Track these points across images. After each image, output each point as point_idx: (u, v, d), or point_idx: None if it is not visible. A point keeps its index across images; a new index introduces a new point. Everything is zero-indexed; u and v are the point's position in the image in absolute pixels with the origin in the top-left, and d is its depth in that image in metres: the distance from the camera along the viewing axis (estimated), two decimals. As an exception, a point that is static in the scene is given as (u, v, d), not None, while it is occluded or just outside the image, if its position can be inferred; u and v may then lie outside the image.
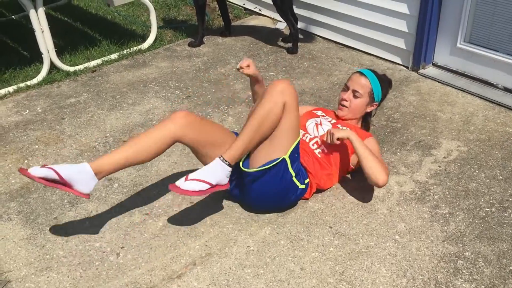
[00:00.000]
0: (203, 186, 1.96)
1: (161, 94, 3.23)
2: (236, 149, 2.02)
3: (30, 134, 2.85)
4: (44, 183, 1.89)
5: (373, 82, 2.38)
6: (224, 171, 2.02)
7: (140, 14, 4.62)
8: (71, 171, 1.93)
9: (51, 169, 1.90)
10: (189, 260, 2.00)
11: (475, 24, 3.05)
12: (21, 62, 3.64)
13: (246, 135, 2.03)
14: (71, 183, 1.93)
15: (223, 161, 2.01)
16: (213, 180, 1.99)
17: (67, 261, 2.01)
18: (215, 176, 1.99)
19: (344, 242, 2.06)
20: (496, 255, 1.97)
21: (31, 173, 1.88)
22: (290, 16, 3.61)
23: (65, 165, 1.95)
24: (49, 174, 1.89)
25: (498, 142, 2.63)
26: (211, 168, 2.01)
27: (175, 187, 1.95)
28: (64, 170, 1.92)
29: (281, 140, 2.09)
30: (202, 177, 1.97)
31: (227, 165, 2.01)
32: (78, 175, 1.93)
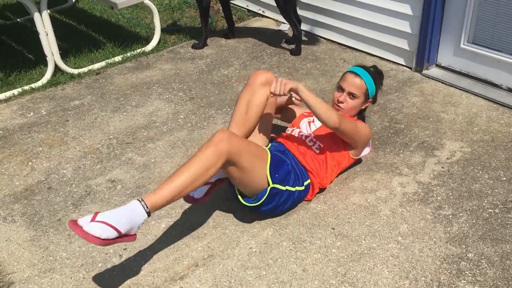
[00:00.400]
0: (111, 234, 1.65)
1: (165, 96, 3.24)
2: (161, 198, 1.78)
3: (34, 136, 2.86)
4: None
5: (368, 81, 2.37)
6: (140, 218, 1.73)
7: (144, 16, 4.64)
8: (128, 223, 1.70)
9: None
10: (191, 261, 2.00)
11: (478, 25, 3.04)
12: (25, 64, 3.66)
13: (178, 185, 1.80)
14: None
15: (143, 206, 1.74)
16: (124, 227, 1.68)
17: (70, 262, 2.02)
18: (128, 222, 1.70)
19: (346, 243, 2.06)
20: (500, 257, 1.96)
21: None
22: (294, 18, 3.61)
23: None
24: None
25: (502, 143, 2.62)
26: (127, 211, 1.71)
27: (75, 225, 1.64)
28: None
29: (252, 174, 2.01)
30: (113, 221, 1.66)
31: (146, 212, 1.74)
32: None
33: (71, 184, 2.47)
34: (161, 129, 2.88)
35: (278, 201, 2.12)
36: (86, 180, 2.49)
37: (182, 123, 2.93)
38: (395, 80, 3.28)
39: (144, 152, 2.68)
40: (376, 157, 2.56)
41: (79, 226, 1.64)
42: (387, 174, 2.44)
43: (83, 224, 1.64)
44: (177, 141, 2.77)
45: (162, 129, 2.88)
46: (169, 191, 1.79)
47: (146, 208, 1.74)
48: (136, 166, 2.58)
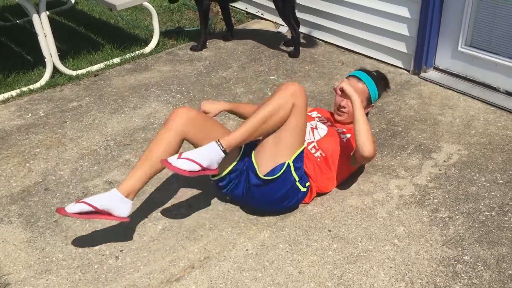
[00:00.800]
0: (194, 167, 1.92)
1: (163, 98, 3.24)
2: (236, 137, 2.01)
3: (32, 138, 2.86)
4: (82, 217, 1.96)
5: (370, 86, 2.38)
6: (218, 156, 1.98)
7: (143, 18, 4.65)
8: (103, 200, 1.96)
9: (83, 203, 1.95)
10: (187, 263, 2.00)
11: (476, 28, 3.05)
12: (24, 66, 3.66)
13: (250, 125, 2.02)
14: (108, 211, 1.97)
15: (219, 145, 1.97)
16: (205, 163, 1.95)
17: (66, 264, 2.02)
18: (208, 159, 1.95)
19: (343, 245, 2.06)
20: (496, 259, 1.97)
21: (67, 211, 1.93)
22: (292, 20, 3.62)
23: (96, 196, 1.98)
24: (83, 208, 1.94)
25: (499, 145, 2.62)
26: (206, 150, 1.97)
27: (166, 163, 1.93)
28: (97, 201, 1.96)
29: (287, 141, 2.09)
30: (195, 157, 1.93)
31: (222, 150, 1.98)
32: (111, 203, 1.97)
33: (68, 185, 2.47)
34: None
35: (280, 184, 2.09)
36: (83, 182, 2.49)
37: (179, 125, 2.93)
38: (393, 82, 3.28)
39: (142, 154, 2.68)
40: (373, 159, 2.56)
41: (168, 163, 1.92)
42: (384, 176, 2.44)
43: (171, 161, 1.92)
44: (174, 143, 2.77)
45: (160, 131, 2.88)
46: (243, 131, 2.00)
47: (222, 147, 1.97)
48: (134, 168, 2.58)
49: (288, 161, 2.09)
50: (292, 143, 2.10)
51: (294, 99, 2.05)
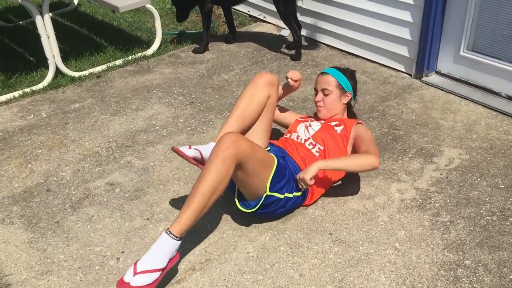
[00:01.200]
0: (155, 276, 1.80)
1: (165, 100, 3.25)
2: (186, 222, 1.86)
3: (34, 139, 2.87)
4: (195, 163, 2.15)
5: (336, 75, 2.45)
6: (174, 245, 1.86)
7: (145, 20, 4.66)
8: (165, 257, 1.85)
9: (197, 151, 2.15)
10: (188, 265, 2.01)
11: (478, 32, 3.06)
12: (27, 67, 3.67)
13: (196, 205, 1.87)
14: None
15: (173, 237, 1.84)
16: (164, 262, 1.83)
17: (67, 265, 2.02)
18: (165, 256, 1.83)
19: (344, 249, 2.06)
20: (497, 264, 1.96)
21: (185, 153, 2.12)
22: (294, 23, 3.62)
23: (203, 147, 2.18)
24: (197, 155, 2.15)
25: (501, 150, 2.62)
26: (159, 248, 1.83)
27: (124, 285, 1.77)
28: (204, 151, 2.15)
29: (254, 181, 2.04)
30: (151, 266, 1.80)
31: (177, 240, 1.85)
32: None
33: (69, 186, 2.48)
34: (160, 133, 2.89)
35: (275, 207, 2.13)
36: (85, 183, 2.50)
37: (181, 127, 2.94)
38: (395, 86, 3.29)
39: (143, 156, 2.69)
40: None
41: (126, 284, 1.77)
42: (386, 180, 2.45)
43: (128, 280, 1.78)
44: (176, 145, 2.77)
45: (162, 133, 2.89)
46: (191, 213, 1.87)
47: (175, 237, 1.85)
48: (135, 170, 2.58)
49: (264, 194, 2.08)
50: (259, 179, 2.04)
51: (236, 158, 1.91)
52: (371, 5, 3.47)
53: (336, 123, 2.41)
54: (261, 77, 2.35)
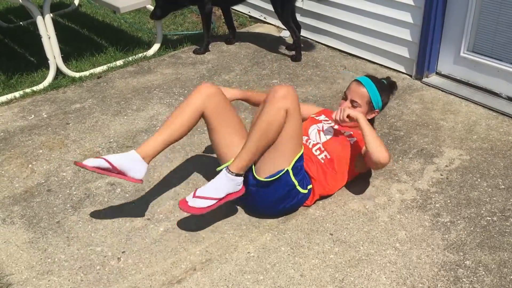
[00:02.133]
0: (210, 203, 2.03)
1: (165, 100, 3.25)
2: (243, 160, 2.06)
3: (34, 139, 2.87)
4: (98, 171, 2.04)
5: (371, 91, 2.36)
6: (234, 182, 2.06)
7: (146, 21, 4.66)
8: (121, 160, 2.05)
9: (102, 159, 2.05)
10: (189, 265, 2.01)
11: (478, 33, 3.06)
12: (27, 67, 3.68)
13: (252, 144, 2.06)
14: (123, 170, 2.07)
15: (230, 173, 2.05)
16: (221, 194, 2.05)
17: (68, 265, 2.03)
18: (223, 190, 2.05)
19: (344, 249, 2.06)
20: (497, 264, 1.97)
21: (85, 164, 2.04)
22: (292, 24, 3.63)
23: (115, 155, 2.08)
24: (101, 163, 2.04)
25: (501, 151, 2.63)
26: (218, 182, 2.06)
27: (183, 204, 2.03)
28: (115, 160, 2.05)
29: (285, 147, 2.11)
30: (209, 193, 2.04)
31: (235, 175, 2.06)
32: (128, 163, 2.07)
33: (70, 186, 2.48)
34: (161, 133, 2.89)
35: (279, 189, 2.12)
36: (86, 183, 2.50)
37: (182, 128, 2.94)
38: (395, 87, 3.29)
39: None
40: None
41: (185, 204, 2.02)
42: (386, 180, 2.45)
43: (188, 200, 2.03)
44: (177, 145, 2.77)
45: (162, 133, 2.89)
46: (247, 153, 2.05)
47: (232, 173, 2.05)
48: (136, 170, 2.58)
49: (287, 167, 2.11)
50: (289, 149, 2.12)
51: (286, 104, 2.05)
52: (371, 6, 3.47)
53: (350, 133, 2.38)
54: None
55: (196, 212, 2.03)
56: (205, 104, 2.21)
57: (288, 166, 2.11)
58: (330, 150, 2.30)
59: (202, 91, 2.23)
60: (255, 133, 2.05)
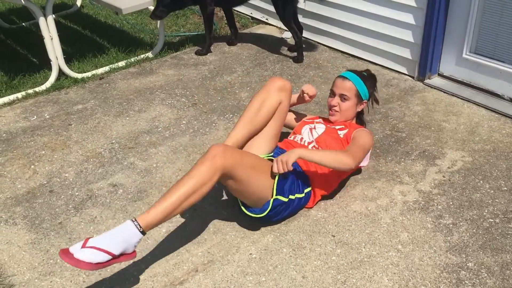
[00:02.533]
0: (104, 258, 1.65)
1: (167, 101, 3.25)
2: (155, 217, 1.77)
3: (37, 140, 2.88)
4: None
5: (357, 83, 2.42)
6: (135, 238, 1.73)
7: (148, 22, 4.67)
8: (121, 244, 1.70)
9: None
10: (191, 266, 2.01)
11: (481, 35, 3.06)
12: (30, 68, 3.68)
13: (171, 204, 1.80)
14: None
15: (137, 227, 1.74)
16: (118, 250, 1.68)
17: (70, 266, 2.02)
18: (122, 244, 1.69)
19: (346, 251, 2.06)
20: (500, 266, 1.96)
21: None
22: (293, 25, 3.63)
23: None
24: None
25: (503, 153, 2.62)
26: (119, 233, 1.71)
27: (67, 254, 1.63)
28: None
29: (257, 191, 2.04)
30: (105, 245, 1.66)
31: (140, 232, 1.74)
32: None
33: (72, 187, 2.48)
34: (163, 134, 2.89)
35: (281, 209, 2.13)
36: (88, 184, 2.50)
37: (184, 129, 2.94)
38: (397, 89, 3.29)
39: (146, 157, 2.69)
40: (377, 165, 2.56)
41: (70, 254, 1.63)
42: (388, 182, 2.45)
43: (73, 251, 1.64)
44: (179, 146, 2.78)
45: (164, 134, 2.89)
46: (163, 209, 1.79)
47: (139, 227, 1.74)
48: (138, 171, 2.59)
49: (271, 199, 2.08)
50: (256, 182, 2.02)
51: (222, 168, 1.88)
52: (373, 8, 3.47)
53: (340, 127, 2.41)
54: (274, 82, 2.32)
55: (83, 267, 1.61)
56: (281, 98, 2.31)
57: (272, 197, 2.08)
58: (323, 145, 2.32)
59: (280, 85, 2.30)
60: (180, 190, 1.82)
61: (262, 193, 2.06)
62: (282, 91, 2.33)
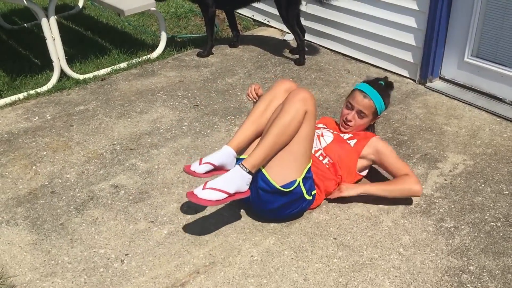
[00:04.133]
0: (220, 196, 1.97)
1: (169, 103, 3.25)
2: (258, 157, 2.04)
3: (38, 141, 2.88)
4: (205, 176, 2.13)
5: (377, 100, 2.40)
6: (244, 179, 2.03)
7: (150, 24, 4.68)
8: (233, 185, 2.01)
9: (208, 164, 2.12)
10: (193, 268, 2.01)
11: (482, 38, 3.06)
12: (32, 69, 3.69)
13: (268, 142, 2.05)
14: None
15: (244, 168, 2.02)
16: (231, 189, 2.00)
17: (72, 267, 2.03)
18: (234, 185, 2.00)
19: (348, 253, 2.06)
20: (501, 270, 1.96)
21: (196, 171, 2.11)
22: (296, 28, 3.64)
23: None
24: (208, 168, 2.12)
25: (505, 156, 2.62)
26: (230, 176, 2.01)
27: (192, 195, 1.97)
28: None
29: (297, 153, 2.10)
30: (220, 186, 1.98)
31: (247, 172, 2.02)
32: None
33: (74, 188, 2.48)
34: (165, 136, 2.89)
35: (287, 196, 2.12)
36: (89, 185, 2.50)
37: (186, 130, 2.94)
38: (399, 92, 3.30)
39: (148, 159, 2.69)
40: (379, 168, 2.56)
41: (193, 195, 1.96)
42: (390, 185, 2.44)
43: (197, 192, 1.96)
44: (180, 148, 2.78)
45: (166, 136, 2.89)
46: (263, 149, 2.03)
47: (246, 169, 2.02)
48: (140, 172, 2.59)
49: (298, 179, 2.11)
50: (302, 154, 2.12)
51: (306, 106, 2.07)
52: (375, 11, 3.48)
53: (349, 136, 2.40)
54: (281, 84, 2.32)
55: (206, 204, 1.97)
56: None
57: (299, 177, 2.11)
58: (331, 155, 2.31)
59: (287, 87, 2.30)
60: (273, 132, 2.04)
61: (296, 161, 2.11)
62: (289, 92, 2.29)
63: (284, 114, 2.06)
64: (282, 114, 2.06)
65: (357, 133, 2.43)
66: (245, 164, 2.02)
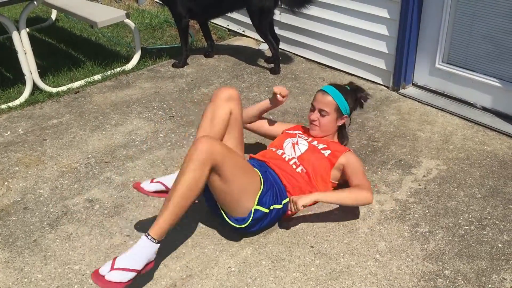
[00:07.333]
0: (130, 276, 1.81)
1: (144, 114, 3.23)
2: (164, 225, 1.89)
3: (11, 156, 2.82)
4: (153, 195, 2.17)
5: (337, 98, 2.42)
6: (153, 249, 1.90)
7: (124, 35, 4.65)
8: (143, 259, 1.88)
9: (160, 183, 2.17)
10: (169, 281, 1.99)
11: (452, 45, 3.13)
12: (3, 83, 3.63)
13: (173, 208, 1.90)
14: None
15: (152, 240, 1.88)
16: (141, 265, 1.85)
17: (45, 284, 1.99)
18: (145, 259, 1.86)
19: (325, 261, 2.06)
20: (475, 273, 1.99)
21: (144, 189, 2.16)
22: (270, 37, 3.66)
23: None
24: (159, 187, 2.17)
25: (477, 160, 2.67)
26: (139, 250, 1.86)
27: (98, 277, 1.79)
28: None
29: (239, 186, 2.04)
30: (129, 264, 1.82)
31: (155, 243, 1.89)
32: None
33: (47, 204, 2.44)
34: (140, 148, 2.87)
35: (263, 219, 2.13)
36: (63, 200, 2.46)
37: (161, 142, 2.93)
38: (373, 99, 3.33)
39: (123, 171, 2.67)
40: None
41: (100, 276, 1.79)
42: (365, 192, 2.46)
43: (103, 273, 1.80)
44: (156, 160, 2.76)
45: (142, 148, 2.87)
46: (168, 216, 1.90)
47: (154, 240, 1.89)
48: (115, 186, 2.56)
49: (252, 208, 2.08)
50: (245, 187, 2.06)
51: (211, 160, 1.92)
52: (348, 19, 3.52)
53: (323, 146, 2.40)
54: (220, 93, 2.28)
55: (112, 287, 1.78)
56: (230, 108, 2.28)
57: (253, 206, 2.08)
58: (305, 164, 2.31)
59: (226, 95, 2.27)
60: (176, 193, 1.90)
61: (244, 198, 2.06)
62: (229, 100, 2.28)
63: (184, 177, 1.90)
64: (181, 176, 1.91)
65: (332, 142, 2.44)
66: (152, 235, 1.87)
